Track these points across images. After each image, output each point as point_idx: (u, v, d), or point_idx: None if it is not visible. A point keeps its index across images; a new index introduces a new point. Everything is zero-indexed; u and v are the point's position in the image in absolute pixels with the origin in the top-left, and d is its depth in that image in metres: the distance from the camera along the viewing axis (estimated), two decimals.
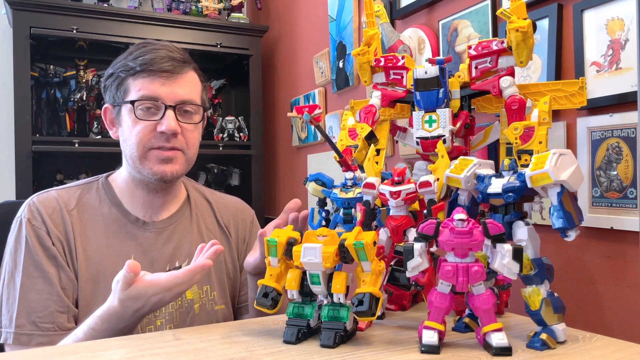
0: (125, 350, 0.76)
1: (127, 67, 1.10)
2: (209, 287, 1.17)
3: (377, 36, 1.09)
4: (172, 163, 1.11)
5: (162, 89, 1.09)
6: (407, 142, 1.11)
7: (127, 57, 1.12)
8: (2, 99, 2.56)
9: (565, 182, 0.73)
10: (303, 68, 2.50)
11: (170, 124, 1.07)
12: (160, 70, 1.09)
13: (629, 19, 1.03)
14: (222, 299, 1.19)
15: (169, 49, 1.14)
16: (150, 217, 1.17)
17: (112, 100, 1.14)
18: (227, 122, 2.74)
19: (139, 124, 1.08)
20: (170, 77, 1.10)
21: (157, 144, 1.09)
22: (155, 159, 1.10)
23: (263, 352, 0.75)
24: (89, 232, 1.11)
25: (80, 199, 1.15)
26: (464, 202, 0.85)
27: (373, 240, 0.77)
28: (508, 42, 0.92)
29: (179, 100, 1.10)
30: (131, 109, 1.08)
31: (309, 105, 0.91)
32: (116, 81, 1.12)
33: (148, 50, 1.11)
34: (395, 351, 0.75)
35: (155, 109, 1.09)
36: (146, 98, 1.08)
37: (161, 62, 1.10)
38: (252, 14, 3.08)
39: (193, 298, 1.14)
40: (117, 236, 1.13)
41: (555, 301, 0.78)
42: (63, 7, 2.35)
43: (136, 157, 1.10)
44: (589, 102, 1.01)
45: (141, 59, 1.10)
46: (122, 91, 1.11)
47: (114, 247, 1.11)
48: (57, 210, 1.10)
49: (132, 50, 1.14)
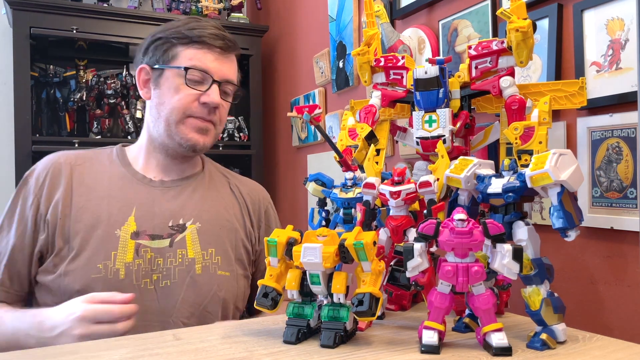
0: (125, 350, 0.76)
1: (181, 34, 1.15)
2: (214, 250, 1.17)
3: (377, 36, 1.09)
4: (206, 135, 1.17)
5: (214, 64, 1.15)
6: (407, 142, 1.11)
7: (179, 27, 1.16)
8: (2, 99, 2.56)
9: (565, 182, 0.73)
10: (303, 68, 2.50)
11: (215, 97, 1.13)
12: (214, 46, 1.15)
13: (629, 19, 1.03)
14: (226, 265, 1.18)
15: (220, 28, 1.19)
16: (161, 178, 1.21)
17: (153, 62, 1.17)
18: (227, 122, 2.74)
19: (185, 90, 1.13)
20: (222, 54, 1.17)
21: (197, 113, 1.14)
22: (192, 126, 1.14)
23: (263, 352, 0.75)
24: (90, 183, 1.15)
25: (89, 159, 1.20)
26: (464, 202, 0.85)
27: (373, 240, 0.77)
28: (508, 42, 0.92)
29: (225, 78, 1.17)
30: (179, 74, 1.13)
31: (309, 105, 0.91)
32: (165, 45, 1.16)
33: (202, 26, 1.17)
34: (395, 351, 0.75)
35: (202, 80, 1.14)
36: (198, 68, 1.13)
37: (216, 38, 1.16)
38: (252, 14, 3.08)
39: (194, 257, 1.15)
40: (121, 190, 1.16)
41: (555, 301, 0.78)
42: (63, 7, 2.35)
43: (173, 121, 1.14)
44: (589, 102, 1.01)
45: (197, 31, 1.15)
46: (169, 56, 1.15)
47: (116, 198, 1.14)
48: (55, 166, 1.15)
49: (185, 21, 1.19)
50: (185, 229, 1.16)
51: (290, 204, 2.65)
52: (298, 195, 2.56)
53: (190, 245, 1.15)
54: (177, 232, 1.15)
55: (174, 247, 1.13)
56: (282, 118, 2.76)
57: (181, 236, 1.15)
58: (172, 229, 1.14)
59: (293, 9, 2.62)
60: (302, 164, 2.49)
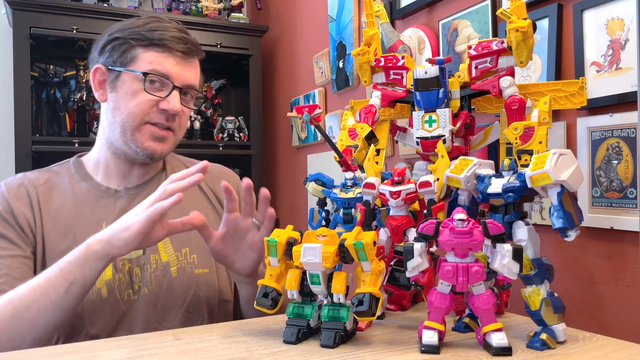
0: (125, 350, 0.76)
1: (141, 36, 1.09)
2: (187, 249, 1.15)
3: (377, 36, 1.09)
4: (164, 142, 1.12)
5: (175, 69, 1.09)
6: (407, 142, 1.11)
7: (139, 27, 1.10)
8: (2, 99, 2.56)
9: (565, 182, 0.73)
10: (303, 68, 2.50)
11: (175, 104, 1.08)
12: (176, 50, 1.09)
13: (629, 19, 1.03)
14: (204, 261, 1.16)
15: (182, 30, 1.14)
16: (124, 186, 1.17)
17: (110, 62, 1.10)
18: (227, 122, 2.74)
19: (143, 96, 1.07)
20: (184, 58, 1.11)
21: (156, 120, 1.09)
22: (149, 134, 1.09)
23: (263, 352, 0.75)
24: (58, 206, 1.10)
25: (48, 180, 1.14)
26: (464, 202, 0.85)
27: (373, 240, 0.77)
28: (508, 42, 0.92)
29: (187, 84, 1.11)
30: (138, 79, 1.07)
31: (309, 105, 0.91)
32: (123, 46, 1.09)
33: (164, 27, 1.11)
34: (395, 351, 0.75)
35: (162, 85, 1.09)
36: (158, 73, 1.07)
37: (178, 41, 1.10)
38: (252, 14, 3.08)
39: (169, 260, 1.13)
40: (88, 206, 1.12)
41: (555, 301, 0.78)
42: (63, 7, 2.35)
43: (129, 128, 1.08)
44: (589, 102, 1.01)
45: (158, 33, 1.09)
46: (127, 58, 1.09)
47: (84, 217, 1.10)
48: (22, 186, 1.11)
49: (145, 21, 1.12)
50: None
51: (290, 204, 2.65)
52: (298, 195, 2.56)
53: (162, 249, 1.13)
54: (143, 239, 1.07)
55: (147, 253, 1.12)
56: (282, 118, 2.76)
57: None
58: None
59: (293, 9, 2.62)
60: (302, 164, 2.49)
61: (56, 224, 1.09)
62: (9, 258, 1.03)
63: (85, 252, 0.93)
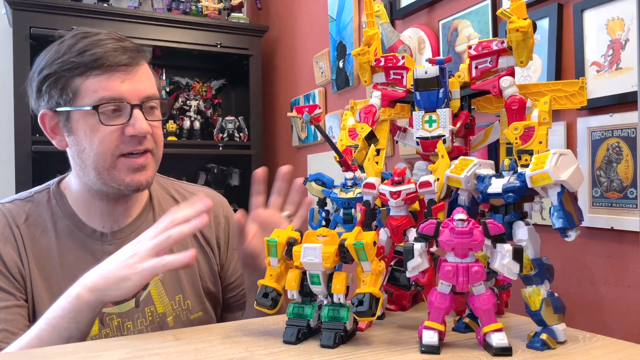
0: (125, 350, 0.76)
1: (72, 64, 0.95)
2: (181, 296, 1.10)
3: (377, 36, 1.09)
4: (145, 170, 1.01)
5: (124, 86, 0.96)
6: (407, 142, 1.11)
7: (66, 53, 0.96)
8: (2, 99, 2.56)
9: (565, 182, 0.73)
10: (303, 68, 2.50)
11: (142, 125, 0.96)
12: (117, 65, 0.95)
13: (629, 19, 1.03)
14: (198, 306, 1.12)
15: (116, 37, 0.99)
16: (110, 226, 1.07)
17: (53, 104, 0.98)
18: (227, 122, 2.75)
19: (102, 130, 0.96)
20: (129, 71, 0.97)
21: (127, 149, 0.98)
22: (126, 168, 0.99)
23: (263, 352, 0.75)
24: (42, 249, 1.01)
25: (30, 214, 1.04)
26: (464, 202, 0.85)
27: (373, 240, 0.77)
28: (508, 42, 0.92)
29: (144, 97, 0.99)
30: (90, 114, 0.95)
31: (309, 105, 0.91)
32: (59, 82, 0.96)
33: (93, 42, 0.96)
34: (395, 351, 0.75)
35: (119, 110, 0.97)
36: (108, 100, 0.95)
37: (115, 54, 0.95)
38: (252, 14, 3.08)
39: (165, 311, 1.07)
40: (72, 253, 1.03)
41: (555, 301, 0.78)
42: (63, 7, 2.35)
43: (103, 168, 0.98)
44: (589, 102, 1.01)
45: (89, 53, 0.94)
46: (69, 93, 0.96)
47: (69, 266, 1.01)
48: (6, 227, 1.01)
49: (71, 43, 0.98)
50: (148, 284, 1.04)
51: None
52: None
53: (157, 300, 1.06)
54: (140, 289, 0.96)
55: (140, 306, 1.05)
56: (282, 118, 2.76)
57: (146, 292, 1.05)
58: None
59: (293, 9, 2.62)
60: (302, 164, 2.49)
61: (40, 270, 1.00)
62: (4, 310, 0.94)
63: (76, 304, 0.84)
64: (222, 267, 1.21)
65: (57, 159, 1.22)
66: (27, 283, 0.99)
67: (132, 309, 1.05)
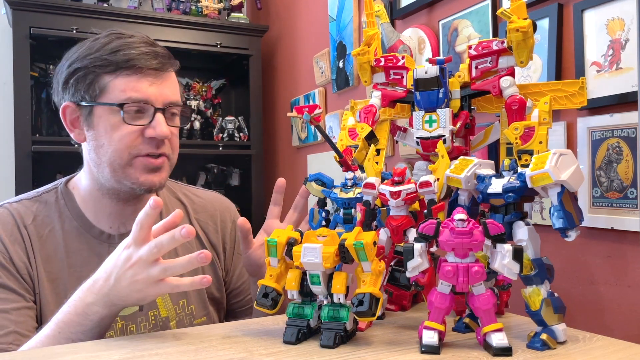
0: (125, 350, 0.76)
1: (104, 61, 0.97)
2: (185, 300, 1.10)
3: (377, 36, 1.09)
4: (160, 172, 1.02)
5: (152, 90, 0.98)
6: (407, 142, 1.11)
7: (99, 50, 0.99)
8: (2, 99, 2.56)
9: (565, 182, 0.73)
10: (303, 68, 2.50)
11: (162, 129, 0.98)
12: (148, 68, 0.98)
13: (629, 18, 1.03)
14: (201, 310, 1.12)
15: (149, 42, 1.02)
16: (117, 228, 1.07)
17: (78, 98, 1.00)
18: (227, 122, 2.75)
19: (124, 128, 0.98)
20: (158, 76, 1.00)
21: (145, 151, 0.99)
22: (142, 167, 1.00)
23: (263, 352, 0.75)
24: (49, 250, 1.01)
25: (37, 214, 1.04)
26: (464, 202, 0.85)
27: (373, 241, 0.77)
28: (508, 42, 0.92)
29: (168, 102, 1.01)
30: (114, 111, 0.97)
31: (309, 105, 0.90)
32: (88, 77, 0.98)
33: (127, 44, 0.99)
34: (395, 351, 0.75)
35: (142, 111, 0.99)
36: (135, 100, 0.97)
37: (147, 58, 0.98)
38: (252, 13, 3.08)
39: (168, 315, 1.07)
40: (79, 254, 1.03)
41: (555, 301, 0.78)
42: (63, 7, 2.35)
43: (118, 166, 0.99)
44: (589, 102, 1.01)
45: (122, 53, 0.97)
46: (96, 89, 0.98)
47: (75, 268, 1.01)
48: (15, 227, 1.01)
49: (105, 41, 1.00)
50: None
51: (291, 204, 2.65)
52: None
53: (161, 305, 1.06)
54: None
55: (144, 310, 1.05)
56: (282, 118, 2.76)
57: None
58: None
59: (293, 9, 2.62)
60: (302, 164, 2.49)
61: (47, 271, 1.00)
62: (15, 312, 0.94)
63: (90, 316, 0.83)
64: (227, 273, 1.21)
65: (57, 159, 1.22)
66: (35, 284, 0.99)
67: (136, 313, 1.05)
